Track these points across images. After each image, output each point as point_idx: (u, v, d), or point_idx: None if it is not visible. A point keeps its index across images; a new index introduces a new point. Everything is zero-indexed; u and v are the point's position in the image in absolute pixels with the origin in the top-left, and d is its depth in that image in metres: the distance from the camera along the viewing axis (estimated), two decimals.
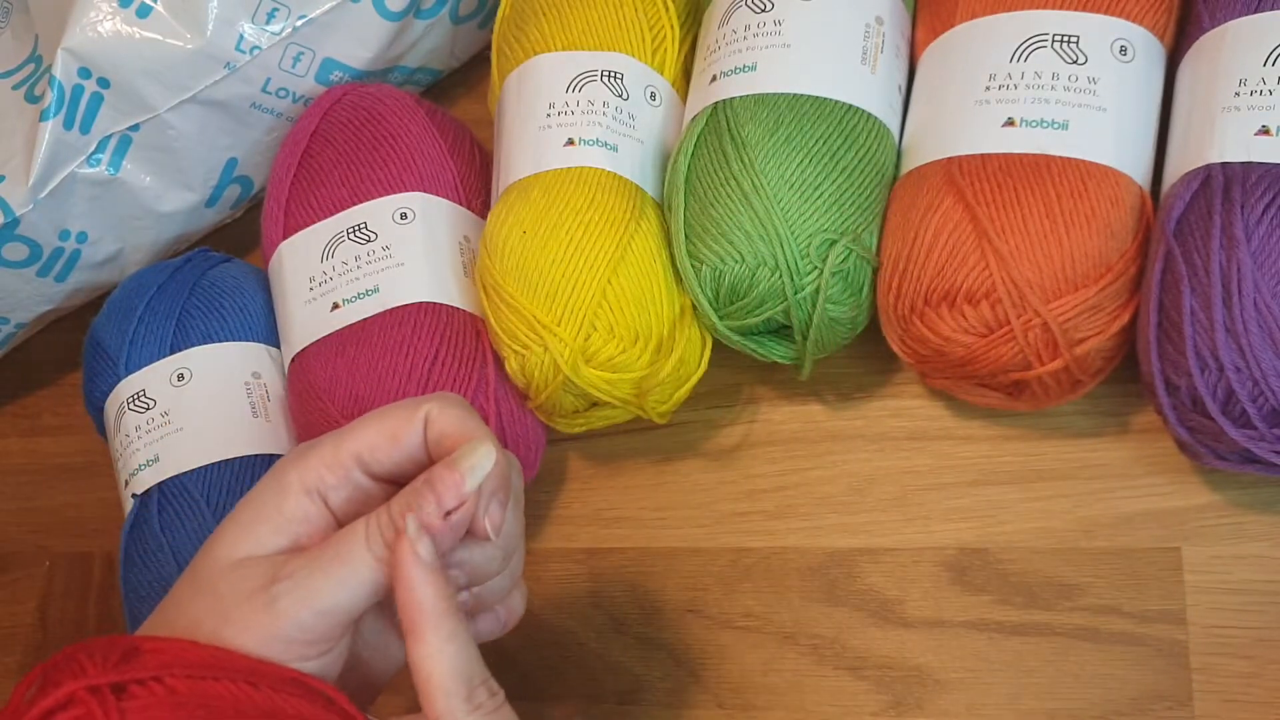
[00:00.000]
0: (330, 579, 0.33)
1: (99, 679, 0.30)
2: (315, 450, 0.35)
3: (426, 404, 0.35)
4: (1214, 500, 0.44)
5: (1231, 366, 0.37)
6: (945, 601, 0.45)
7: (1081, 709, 0.43)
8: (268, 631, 0.32)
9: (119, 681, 0.31)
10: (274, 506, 0.34)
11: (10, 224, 0.53)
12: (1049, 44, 0.42)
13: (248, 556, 0.34)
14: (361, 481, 0.35)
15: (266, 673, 0.32)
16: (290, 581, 0.32)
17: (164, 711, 0.30)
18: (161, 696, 0.30)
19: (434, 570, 0.32)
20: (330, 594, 0.32)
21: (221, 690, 0.31)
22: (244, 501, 0.35)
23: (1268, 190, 0.38)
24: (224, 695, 0.31)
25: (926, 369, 0.44)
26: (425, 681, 0.32)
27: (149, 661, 0.31)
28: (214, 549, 0.34)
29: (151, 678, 0.31)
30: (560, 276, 0.45)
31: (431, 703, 0.32)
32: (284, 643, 0.32)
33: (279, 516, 0.34)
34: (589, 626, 0.49)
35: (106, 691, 0.30)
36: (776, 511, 0.48)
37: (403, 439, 0.35)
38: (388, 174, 0.51)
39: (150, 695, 0.30)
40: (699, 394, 0.49)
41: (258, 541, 0.34)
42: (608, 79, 0.48)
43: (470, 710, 0.32)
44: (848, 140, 0.44)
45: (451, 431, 0.34)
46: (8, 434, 0.64)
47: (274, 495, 0.34)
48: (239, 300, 0.54)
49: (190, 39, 0.52)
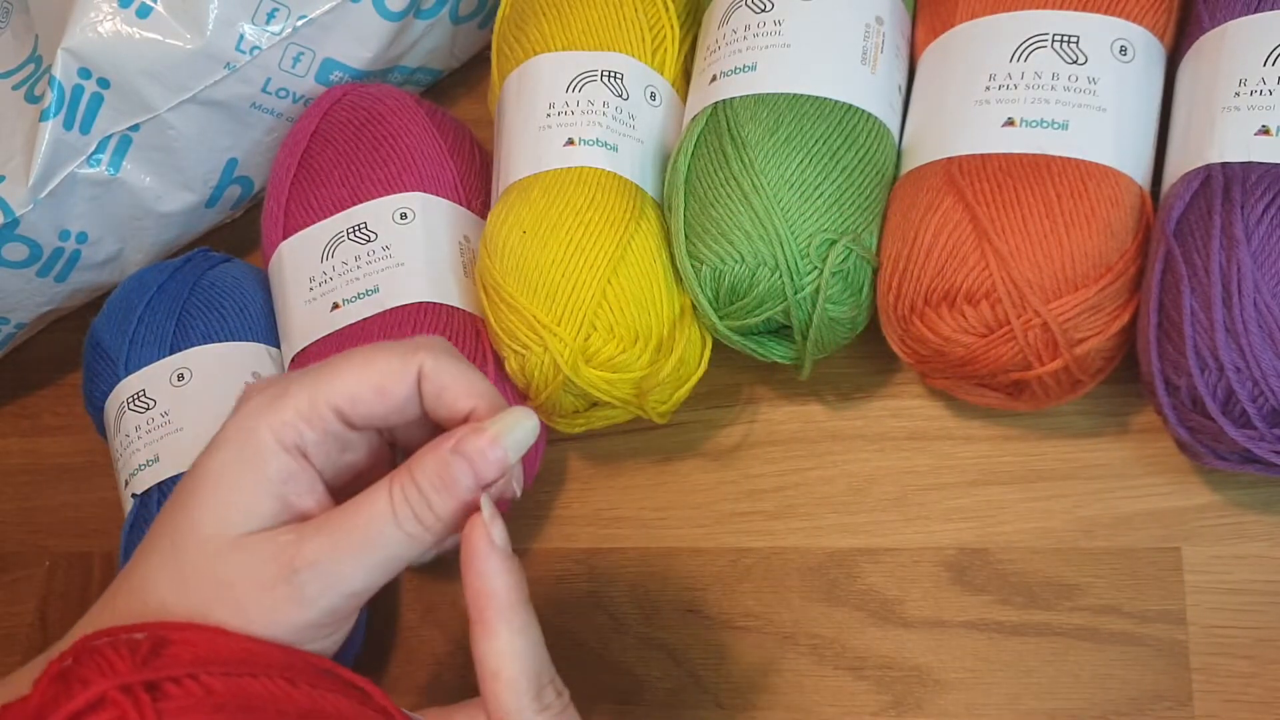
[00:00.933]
0: (360, 562, 0.31)
1: (131, 677, 0.28)
2: (288, 400, 0.32)
3: (417, 355, 0.32)
4: (1214, 500, 0.44)
5: (1231, 366, 0.37)
6: (945, 601, 0.45)
7: (1081, 709, 0.43)
8: (295, 622, 0.31)
9: (152, 680, 0.29)
10: (254, 470, 0.31)
11: (10, 224, 0.53)
12: (1049, 44, 0.42)
13: (245, 533, 0.31)
14: (340, 431, 0.32)
15: (300, 666, 0.30)
16: (316, 569, 0.30)
17: (202, 714, 0.28)
18: (199, 697, 0.29)
19: (508, 557, 0.31)
20: (361, 577, 0.31)
21: (259, 689, 0.29)
22: (213, 464, 0.32)
23: (1268, 190, 0.38)
24: (262, 694, 0.29)
25: (926, 369, 0.44)
26: (492, 678, 0.30)
27: (181, 655, 0.30)
28: (195, 524, 0.31)
29: (186, 675, 0.29)
30: (560, 276, 0.45)
31: (498, 700, 0.30)
32: (311, 629, 0.31)
33: (262, 481, 0.31)
34: (589, 626, 0.49)
35: (140, 691, 0.28)
36: (776, 511, 0.48)
37: (391, 393, 0.32)
38: (388, 174, 0.51)
39: (187, 695, 0.28)
40: (699, 394, 0.49)
41: (247, 512, 0.31)
42: (608, 79, 0.48)
43: (539, 710, 0.30)
44: (848, 140, 0.44)
45: (452, 385, 0.32)
46: (8, 434, 0.64)
47: (251, 457, 0.31)
48: (239, 300, 0.54)
49: (190, 39, 0.52)
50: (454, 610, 0.52)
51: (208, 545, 0.31)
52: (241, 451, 0.32)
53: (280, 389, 0.32)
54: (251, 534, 0.31)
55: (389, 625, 0.52)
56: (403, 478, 0.31)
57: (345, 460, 0.34)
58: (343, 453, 0.33)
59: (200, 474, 0.32)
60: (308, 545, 0.31)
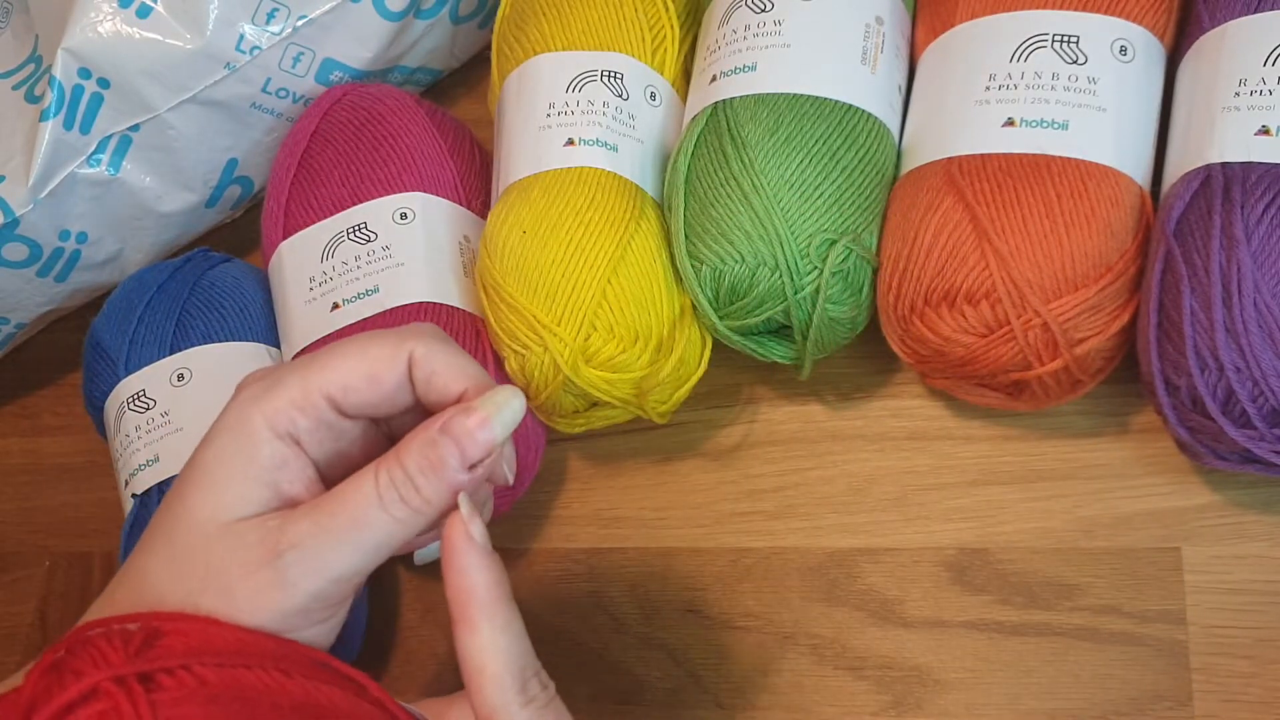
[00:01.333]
0: (345, 545, 0.31)
1: (124, 668, 0.28)
2: (281, 388, 0.32)
3: (408, 342, 0.32)
4: (1214, 500, 0.44)
5: (1231, 366, 0.37)
6: (945, 601, 0.45)
7: (1081, 709, 0.43)
8: (281, 607, 0.30)
9: (146, 671, 0.28)
10: (246, 457, 0.31)
11: (10, 224, 0.53)
12: (1049, 44, 0.42)
13: (235, 519, 0.31)
14: (333, 420, 0.33)
15: (295, 657, 0.30)
16: (299, 551, 0.30)
17: (197, 706, 0.28)
18: (193, 688, 0.28)
19: (487, 554, 0.31)
20: (346, 561, 0.31)
21: (253, 680, 0.29)
22: (207, 453, 0.32)
23: (1268, 190, 0.38)
24: (256, 685, 0.29)
25: (926, 369, 0.44)
26: (477, 673, 0.31)
27: (174, 646, 0.29)
28: (189, 512, 0.31)
29: (179, 666, 0.29)
30: (560, 276, 0.45)
31: (483, 694, 0.31)
32: (298, 614, 0.31)
33: (254, 467, 0.31)
34: (589, 626, 0.49)
35: (133, 682, 0.28)
36: (776, 511, 0.48)
37: (383, 380, 0.32)
38: (388, 174, 0.51)
39: (180, 687, 0.28)
40: (699, 394, 0.49)
41: (239, 499, 0.31)
42: (608, 79, 0.48)
43: (524, 703, 0.31)
44: (848, 140, 0.44)
45: (443, 370, 0.32)
46: (8, 434, 0.64)
47: (244, 444, 0.32)
48: (239, 300, 0.54)
49: (190, 39, 0.52)
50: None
51: (200, 531, 0.31)
52: (235, 438, 0.32)
53: (274, 378, 0.32)
54: (242, 520, 0.31)
55: (389, 625, 0.52)
56: (389, 460, 0.31)
57: (339, 449, 0.34)
58: (336, 441, 0.33)
59: (195, 462, 0.32)
60: (292, 528, 0.31)
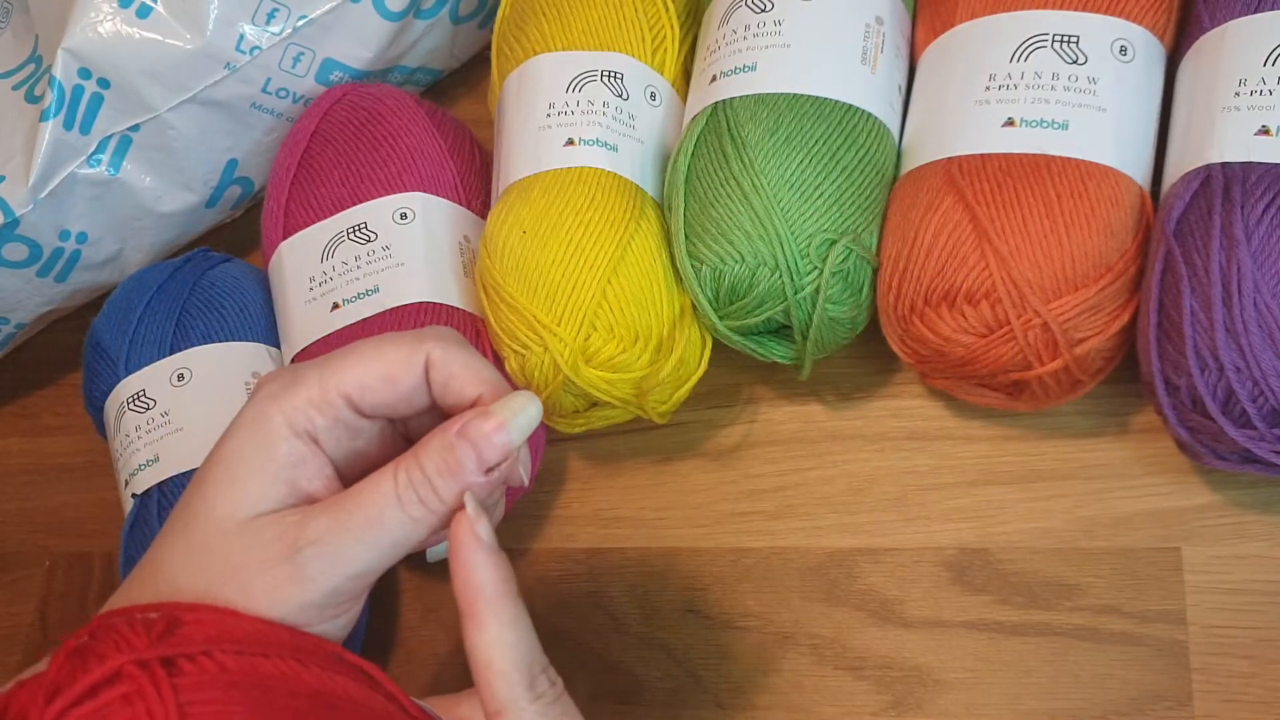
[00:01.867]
0: (363, 542, 0.31)
1: (147, 653, 0.29)
2: (300, 387, 0.33)
3: (425, 344, 0.33)
4: (1214, 500, 0.44)
5: (1231, 366, 0.37)
6: (945, 601, 0.45)
7: (1081, 709, 0.43)
8: (298, 601, 0.31)
9: (168, 655, 0.29)
10: (265, 454, 0.32)
11: (10, 224, 0.53)
12: (1049, 44, 0.42)
13: (254, 515, 0.32)
14: (350, 419, 0.33)
15: (310, 649, 0.31)
16: (318, 547, 0.31)
17: (217, 690, 0.29)
18: (214, 673, 0.29)
19: (494, 551, 0.31)
20: (364, 558, 0.31)
21: (271, 668, 0.29)
22: (226, 449, 0.33)
23: (1268, 190, 0.38)
24: (274, 673, 0.29)
25: (926, 369, 0.44)
26: (485, 669, 0.31)
27: (194, 634, 0.30)
28: (210, 508, 0.32)
29: (201, 652, 0.29)
30: (560, 276, 0.45)
31: (491, 691, 0.31)
32: (314, 609, 0.31)
33: (272, 464, 0.32)
34: (589, 626, 0.49)
35: (156, 666, 0.28)
36: (776, 511, 0.48)
37: (400, 381, 0.33)
38: (388, 174, 0.51)
39: (201, 672, 0.29)
40: (699, 394, 0.49)
41: (258, 495, 0.32)
42: (608, 79, 0.48)
43: (532, 699, 0.31)
44: (848, 140, 0.44)
45: (460, 374, 0.33)
46: (8, 434, 0.64)
47: (263, 441, 0.32)
48: (239, 300, 0.54)
49: (190, 39, 0.52)
50: (455, 610, 0.51)
51: (218, 527, 0.32)
52: (254, 436, 0.32)
53: (293, 377, 0.33)
54: (261, 515, 0.32)
55: (389, 625, 0.52)
56: (408, 461, 0.32)
57: (356, 448, 0.34)
58: (354, 440, 0.34)
59: (214, 459, 0.33)
60: (311, 524, 0.31)
